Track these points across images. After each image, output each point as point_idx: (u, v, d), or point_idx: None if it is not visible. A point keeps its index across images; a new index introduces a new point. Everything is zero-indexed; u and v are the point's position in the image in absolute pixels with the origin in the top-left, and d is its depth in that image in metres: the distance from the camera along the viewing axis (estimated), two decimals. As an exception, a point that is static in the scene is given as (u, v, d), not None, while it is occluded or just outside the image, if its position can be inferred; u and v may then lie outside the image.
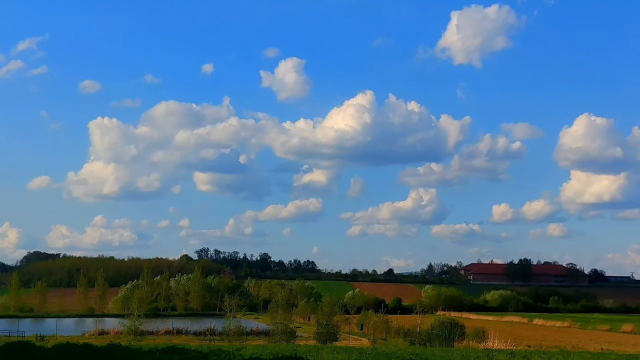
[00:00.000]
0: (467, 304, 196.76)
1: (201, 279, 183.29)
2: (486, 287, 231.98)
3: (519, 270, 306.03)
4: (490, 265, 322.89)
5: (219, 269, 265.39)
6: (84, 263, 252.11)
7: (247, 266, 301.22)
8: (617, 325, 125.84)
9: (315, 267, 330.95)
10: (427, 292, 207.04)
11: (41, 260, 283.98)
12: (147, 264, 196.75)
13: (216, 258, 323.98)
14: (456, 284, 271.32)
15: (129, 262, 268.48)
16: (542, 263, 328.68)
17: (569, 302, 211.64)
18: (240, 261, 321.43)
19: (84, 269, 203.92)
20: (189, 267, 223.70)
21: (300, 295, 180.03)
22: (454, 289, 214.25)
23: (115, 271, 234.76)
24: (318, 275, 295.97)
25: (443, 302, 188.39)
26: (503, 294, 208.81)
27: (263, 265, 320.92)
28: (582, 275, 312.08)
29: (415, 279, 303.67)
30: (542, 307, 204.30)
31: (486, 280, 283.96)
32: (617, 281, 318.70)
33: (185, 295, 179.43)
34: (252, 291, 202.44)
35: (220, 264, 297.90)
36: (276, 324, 74.14)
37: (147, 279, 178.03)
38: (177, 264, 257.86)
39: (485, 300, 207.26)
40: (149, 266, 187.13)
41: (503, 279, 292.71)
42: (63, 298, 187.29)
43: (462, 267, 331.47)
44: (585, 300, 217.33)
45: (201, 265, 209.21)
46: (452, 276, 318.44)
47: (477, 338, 78.43)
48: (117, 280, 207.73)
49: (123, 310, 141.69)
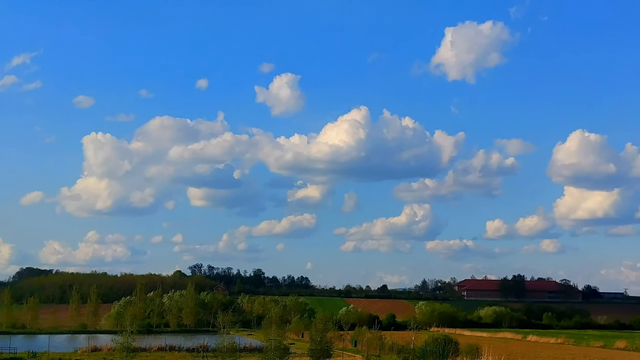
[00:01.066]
0: (461, 320, 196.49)
1: (194, 295, 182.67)
2: (480, 304, 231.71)
3: (513, 286, 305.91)
4: (484, 282, 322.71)
5: (212, 285, 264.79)
6: (77, 279, 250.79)
7: (240, 282, 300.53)
8: (610, 341, 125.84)
9: (309, 283, 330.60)
10: (421, 309, 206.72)
11: (34, 276, 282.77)
12: (140, 280, 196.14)
13: (209, 274, 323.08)
14: (450, 300, 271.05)
15: (122, 278, 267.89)
16: (536, 279, 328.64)
17: (563, 319, 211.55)
18: (233, 277, 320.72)
19: (76, 285, 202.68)
20: (182, 283, 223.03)
21: (293, 311, 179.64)
22: (447, 305, 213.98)
23: (108, 287, 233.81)
24: (312, 291, 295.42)
25: (437, 319, 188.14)
26: (497, 310, 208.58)
27: (256, 281, 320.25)
28: (576, 292, 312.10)
29: (409, 295, 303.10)
30: (535, 324, 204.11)
31: (480, 297, 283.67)
32: (611, 297, 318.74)
33: (178, 312, 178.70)
34: (245, 307, 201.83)
35: (213, 280, 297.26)
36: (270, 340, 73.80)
37: (140, 295, 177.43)
38: (170, 280, 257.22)
39: (479, 316, 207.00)
40: (142, 282, 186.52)
41: (497, 295, 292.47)
42: (55, 314, 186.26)
43: (456, 283, 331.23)
44: (579, 316, 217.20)
45: (194, 281, 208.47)
46: (446, 292, 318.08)
47: (471, 354, 78.34)
48: (110, 297, 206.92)
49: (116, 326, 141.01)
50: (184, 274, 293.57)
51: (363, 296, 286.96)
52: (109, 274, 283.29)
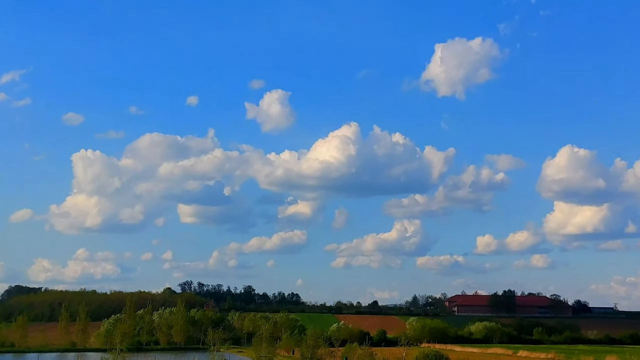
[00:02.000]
0: (451, 335, 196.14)
1: (184, 312, 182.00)
2: (470, 319, 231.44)
3: (503, 301, 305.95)
4: (474, 297, 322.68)
5: (202, 302, 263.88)
6: (66, 297, 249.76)
7: (230, 299, 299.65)
8: (600, 356, 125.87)
9: (300, 299, 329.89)
10: (412, 324, 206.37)
11: (22, 294, 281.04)
12: (130, 297, 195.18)
13: (200, 291, 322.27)
14: (441, 315, 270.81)
15: (112, 295, 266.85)
16: (526, 294, 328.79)
17: (553, 334, 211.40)
18: (224, 294, 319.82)
19: (65, 302, 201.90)
20: (172, 301, 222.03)
21: (284, 328, 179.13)
22: (438, 321, 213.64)
23: (97, 305, 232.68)
24: (302, 308, 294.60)
25: (428, 334, 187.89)
26: (487, 325, 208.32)
27: (247, 298, 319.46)
28: (566, 307, 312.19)
29: (400, 310, 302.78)
30: (526, 339, 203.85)
31: (470, 312, 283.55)
32: (601, 312, 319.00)
33: (168, 329, 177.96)
34: (235, 324, 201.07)
35: (203, 297, 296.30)
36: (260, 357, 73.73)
37: (130, 312, 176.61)
38: (160, 297, 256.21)
39: (469, 332, 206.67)
40: (131, 300, 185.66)
41: (487, 310, 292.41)
42: (44, 332, 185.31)
43: (446, 298, 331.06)
44: (569, 331, 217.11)
45: (184, 298, 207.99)
46: (436, 308, 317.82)
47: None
48: (99, 314, 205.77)
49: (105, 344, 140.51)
50: (174, 291, 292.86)
51: (354, 312, 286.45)
52: (98, 292, 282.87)
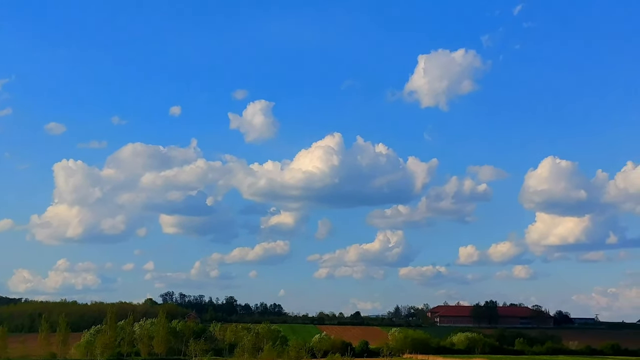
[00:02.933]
0: (433, 346, 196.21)
1: (165, 323, 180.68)
2: (453, 330, 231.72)
3: (485, 312, 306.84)
4: (456, 308, 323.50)
5: (184, 312, 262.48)
6: (47, 307, 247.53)
7: (212, 310, 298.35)
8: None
9: (282, 310, 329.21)
10: (394, 335, 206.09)
11: (2, 305, 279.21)
12: (111, 308, 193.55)
13: (181, 302, 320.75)
14: (423, 326, 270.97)
15: (92, 306, 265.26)
16: (508, 305, 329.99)
17: (535, 344, 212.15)
18: (205, 305, 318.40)
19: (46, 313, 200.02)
20: (153, 311, 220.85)
21: (266, 339, 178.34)
22: (420, 332, 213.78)
23: (78, 316, 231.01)
24: (284, 319, 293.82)
25: (410, 345, 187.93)
26: (469, 336, 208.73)
27: (229, 308, 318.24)
28: (547, 317, 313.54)
29: (382, 321, 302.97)
30: (508, 349, 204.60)
31: (453, 323, 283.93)
32: (582, 323, 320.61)
33: (149, 340, 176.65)
34: (217, 335, 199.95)
35: (185, 307, 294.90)
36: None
37: (111, 323, 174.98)
38: (142, 308, 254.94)
39: (451, 342, 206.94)
40: (112, 310, 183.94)
41: (469, 321, 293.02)
42: (25, 343, 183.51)
43: (428, 309, 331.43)
44: (551, 342, 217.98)
45: (166, 309, 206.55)
46: (419, 318, 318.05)
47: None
48: (80, 325, 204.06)
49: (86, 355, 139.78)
50: (156, 302, 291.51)
51: (336, 323, 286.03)
52: (79, 303, 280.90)
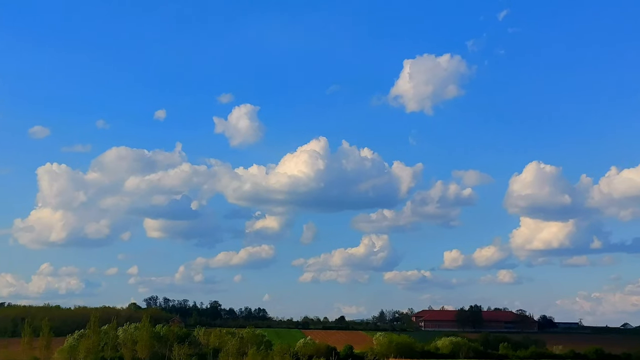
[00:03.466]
0: (418, 351, 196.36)
1: (149, 327, 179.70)
2: (437, 334, 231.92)
3: (470, 316, 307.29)
4: (441, 312, 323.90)
5: (168, 317, 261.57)
6: (30, 312, 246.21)
7: (197, 314, 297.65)
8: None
9: (267, 314, 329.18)
10: (379, 340, 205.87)
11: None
12: (94, 312, 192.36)
13: (165, 306, 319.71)
14: (407, 331, 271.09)
15: (76, 310, 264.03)
16: (493, 309, 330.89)
17: (519, 349, 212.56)
18: (190, 309, 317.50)
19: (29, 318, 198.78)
20: (137, 316, 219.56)
21: (250, 343, 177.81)
22: (405, 336, 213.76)
23: (61, 320, 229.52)
24: (269, 323, 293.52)
25: (394, 350, 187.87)
26: (454, 340, 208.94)
27: (213, 313, 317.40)
28: (532, 322, 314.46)
29: (367, 326, 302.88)
30: (492, 354, 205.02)
31: (437, 327, 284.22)
32: (566, 327, 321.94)
33: (132, 345, 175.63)
34: (201, 340, 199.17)
35: (169, 312, 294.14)
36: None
37: (94, 328, 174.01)
38: (125, 312, 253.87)
39: (436, 347, 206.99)
40: (96, 315, 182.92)
41: (454, 325, 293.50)
42: (7, 348, 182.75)
43: (413, 313, 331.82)
44: (535, 346, 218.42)
45: (149, 313, 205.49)
46: (403, 323, 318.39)
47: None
48: (63, 330, 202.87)
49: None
50: (139, 307, 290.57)
51: (321, 327, 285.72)
52: (62, 307, 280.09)
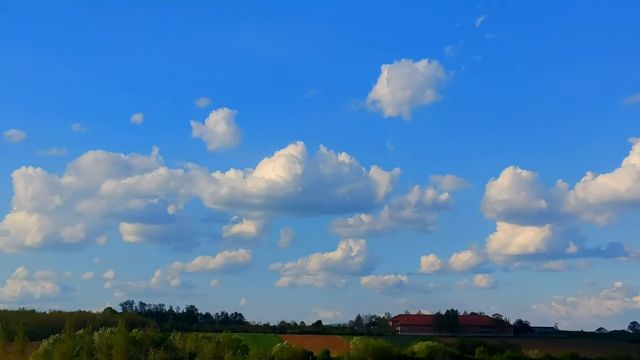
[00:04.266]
0: (395, 355, 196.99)
1: (125, 332, 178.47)
2: (414, 338, 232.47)
3: (446, 321, 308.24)
4: (418, 317, 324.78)
5: (144, 322, 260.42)
6: (4, 316, 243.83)
7: (173, 319, 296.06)
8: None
9: (243, 319, 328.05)
10: (356, 344, 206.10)
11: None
12: (70, 317, 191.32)
13: (141, 311, 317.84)
14: (384, 335, 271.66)
15: (51, 315, 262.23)
16: (469, 314, 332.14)
17: (495, 353, 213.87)
18: (166, 314, 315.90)
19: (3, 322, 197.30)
20: (113, 320, 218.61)
21: (227, 348, 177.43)
22: (382, 341, 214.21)
23: (36, 324, 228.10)
24: (246, 328, 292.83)
25: (371, 354, 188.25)
26: (430, 345, 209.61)
27: (189, 317, 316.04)
28: (508, 326, 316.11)
29: (344, 330, 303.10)
30: (468, 358, 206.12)
31: (414, 332, 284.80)
32: (542, 332, 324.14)
33: (108, 349, 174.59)
34: (177, 344, 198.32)
35: (145, 316, 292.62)
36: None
37: (69, 332, 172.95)
38: (101, 317, 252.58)
39: (412, 351, 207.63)
40: (71, 319, 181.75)
41: (430, 330, 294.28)
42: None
43: (390, 318, 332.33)
44: (511, 350, 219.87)
45: (125, 318, 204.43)
46: (380, 327, 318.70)
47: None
48: (38, 334, 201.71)
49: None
50: (115, 311, 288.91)
51: (297, 332, 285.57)
52: (37, 311, 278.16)
